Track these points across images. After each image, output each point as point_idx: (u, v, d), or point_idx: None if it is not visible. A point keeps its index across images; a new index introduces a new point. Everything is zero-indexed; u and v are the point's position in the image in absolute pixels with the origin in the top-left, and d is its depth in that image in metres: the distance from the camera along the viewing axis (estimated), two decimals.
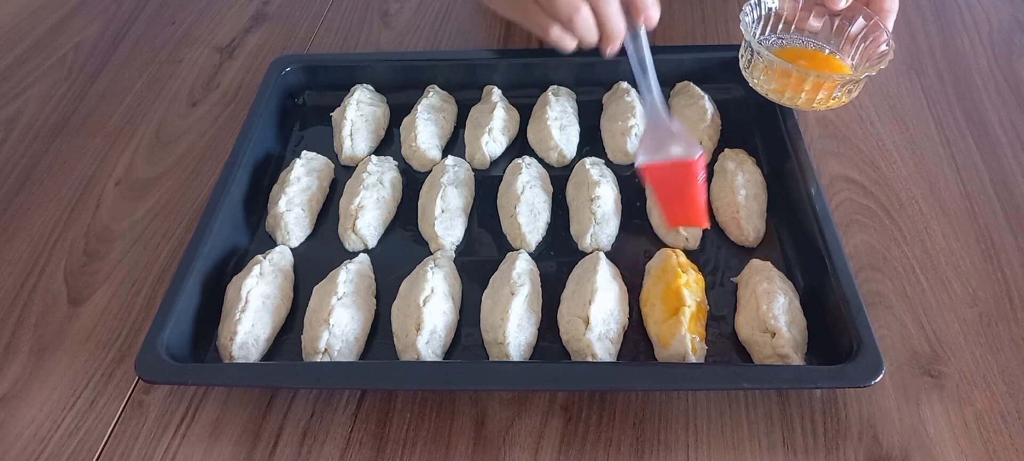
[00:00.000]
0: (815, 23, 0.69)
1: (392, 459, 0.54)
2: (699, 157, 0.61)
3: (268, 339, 0.60)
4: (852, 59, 0.69)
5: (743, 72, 0.70)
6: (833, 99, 0.66)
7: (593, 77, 0.79)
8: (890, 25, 0.67)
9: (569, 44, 0.62)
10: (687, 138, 0.62)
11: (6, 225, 0.72)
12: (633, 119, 0.73)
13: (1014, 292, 0.62)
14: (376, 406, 0.57)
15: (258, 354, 0.59)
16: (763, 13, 0.70)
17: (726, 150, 0.71)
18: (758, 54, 0.67)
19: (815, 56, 0.70)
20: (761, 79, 0.68)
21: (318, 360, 0.57)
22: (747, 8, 0.69)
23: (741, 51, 0.70)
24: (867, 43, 0.68)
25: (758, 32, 0.71)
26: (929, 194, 0.69)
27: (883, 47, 0.66)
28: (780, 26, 0.71)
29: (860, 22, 0.68)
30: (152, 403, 0.58)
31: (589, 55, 0.62)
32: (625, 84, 0.78)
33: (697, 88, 0.77)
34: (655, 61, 0.64)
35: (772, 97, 0.68)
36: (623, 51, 0.63)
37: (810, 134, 0.75)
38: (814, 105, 0.67)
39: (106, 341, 0.62)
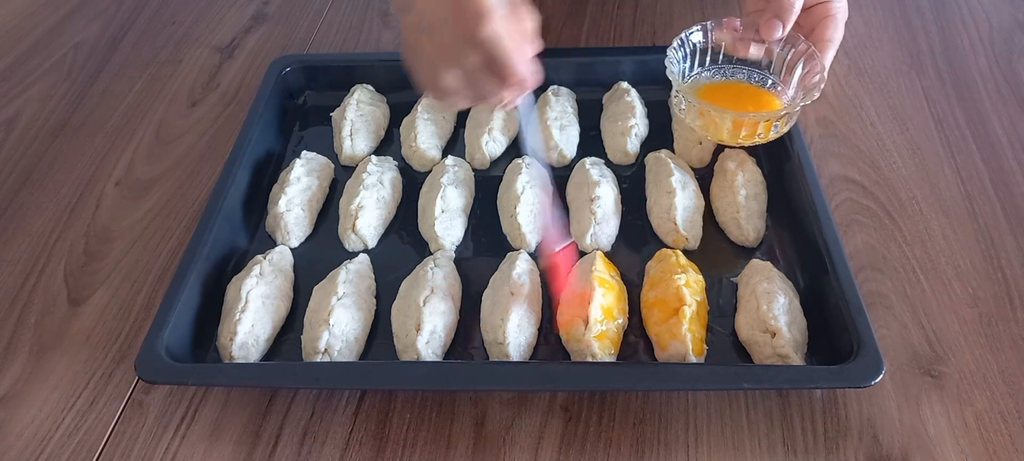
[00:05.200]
0: (755, 52, 0.67)
1: (392, 459, 0.54)
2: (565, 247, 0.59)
3: (268, 339, 0.60)
4: (791, 89, 0.67)
5: (673, 108, 0.69)
6: (758, 136, 0.65)
7: (593, 77, 0.79)
8: (830, 55, 0.64)
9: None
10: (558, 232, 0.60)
11: (6, 225, 0.72)
12: (633, 119, 0.73)
13: (1014, 292, 0.62)
14: (376, 406, 0.57)
15: (258, 354, 0.59)
16: (690, 50, 0.68)
17: (726, 150, 0.71)
18: (680, 93, 0.66)
19: (747, 90, 0.68)
20: (687, 116, 0.67)
21: (318, 360, 0.57)
22: (673, 48, 0.67)
23: (673, 89, 0.68)
24: (804, 72, 0.65)
25: (687, 69, 0.69)
26: (929, 194, 0.69)
27: (817, 78, 0.63)
28: (721, 56, 0.69)
29: (795, 52, 0.65)
30: (152, 403, 0.58)
31: (589, 55, 0.61)
32: (625, 84, 0.78)
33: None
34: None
35: (700, 132, 0.67)
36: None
37: (810, 134, 0.75)
38: (740, 141, 0.66)
39: (106, 341, 0.62)
